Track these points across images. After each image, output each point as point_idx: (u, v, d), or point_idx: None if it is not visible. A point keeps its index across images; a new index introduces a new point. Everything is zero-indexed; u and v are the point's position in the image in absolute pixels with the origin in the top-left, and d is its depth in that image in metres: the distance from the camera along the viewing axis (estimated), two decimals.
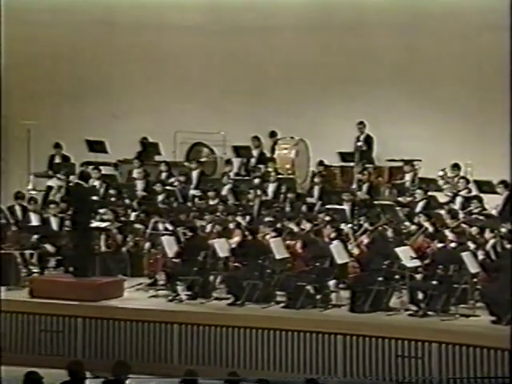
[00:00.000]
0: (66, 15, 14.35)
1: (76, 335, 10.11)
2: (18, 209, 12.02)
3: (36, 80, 14.45)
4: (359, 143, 13.06)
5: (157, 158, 13.70)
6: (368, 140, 13.15)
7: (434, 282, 9.84)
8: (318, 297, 10.10)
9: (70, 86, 14.35)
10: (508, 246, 9.99)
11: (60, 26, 14.32)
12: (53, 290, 10.36)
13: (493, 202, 11.67)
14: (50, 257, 11.46)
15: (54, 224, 11.78)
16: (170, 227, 11.24)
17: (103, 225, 11.36)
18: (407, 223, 10.98)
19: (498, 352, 9.01)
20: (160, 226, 11.39)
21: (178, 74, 14.17)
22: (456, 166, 12.21)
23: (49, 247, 11.45)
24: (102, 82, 14.34)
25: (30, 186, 13.26)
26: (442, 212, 11.36)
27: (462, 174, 12.15)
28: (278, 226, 11.03)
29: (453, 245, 10.11)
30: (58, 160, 13.44)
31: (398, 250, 10.06)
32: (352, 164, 12.97)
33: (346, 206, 11.97)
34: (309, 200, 12.42)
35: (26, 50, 14.43)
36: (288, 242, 10.59)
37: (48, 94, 14.33)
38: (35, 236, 11.44)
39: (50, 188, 12.93)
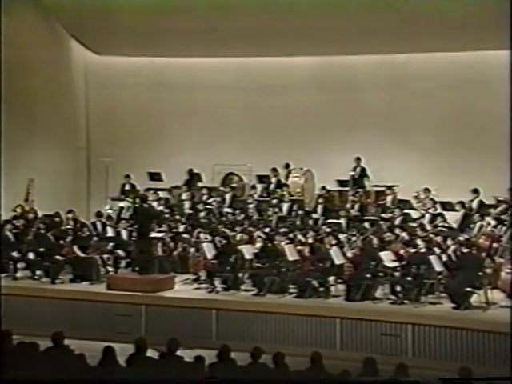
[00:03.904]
0: (135, 79, 14.65)
1: (141, 318, 10.13)
2: (98, 224, 12.15)
3: (112, 128, 14.72)
4: (351, 173, 13.08)
5: (200, 184, 13.80)
6: (363, 171, 13.13)
7: (409, 278, 9.83)
8: (321, 289, 10.09)
9: (137, 132, 14.58)
10: (464, 250, 9.96)
11: (130, 87, 14.61)
12: (124, 284, 10.40)
13: (453, 218, 11.69)
14: (122, 259, 11.55)
15: (125, 235, 11.87)
16: (210, 236, 11.26)
17: (160, 235, 11.40)
18: (388, 234, 10.96)
19: (457, 331, 8.98)
20: (202, 236, 11.43)
21: (215, 122, 14.36)
22: (427, 190, 12.15)
23: (120, 252, 11.55)
24: (160, 129, 14.58)
25: (107, 207, 13.40)
26: (415, 225, 11.38)
27: (430, 196, 12.08)
28: (291, 235, 11.05)
29: (423, 250, 10.09)
30: (127, 187, 13.56)
31: (381, 253, 10.07)
32: (347, 188, 13.00)
33: (342, 221, 12.02)
34: (314, 216, 12.47)
35: (106, 105, 14.77)
36: (298, 247, 10.60)
37: (121, 138, 14.56)
38: (111, 244, 11.54)
39: (121, 208, 13.03)
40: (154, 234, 11.19)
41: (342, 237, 11.10)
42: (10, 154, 12.84)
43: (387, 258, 9.94)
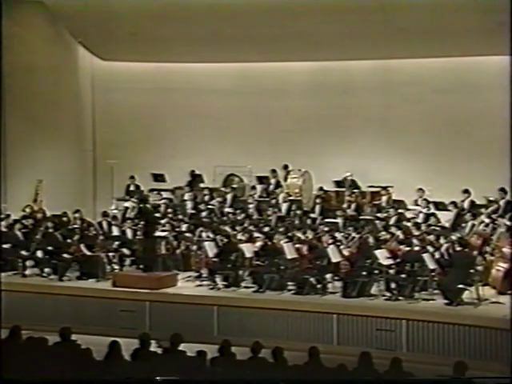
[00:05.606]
0: (139, 84, 14.63)
1: (145, 314, 10.14)
2: (104, 223, 12.15)
3: (117, 131, 14.70)
4: (347, 174, 13.03)
5: (202, 185, 13.79)
6: (352, 180, 13.09)
7: (403, 275, 9.84)
8: (319, 286, 10.08)
9: (141, 135, 14.57)
10: (457, 248, 9.95)
11: (135, 92, 14.61)
12: (128, 282, 10.40)
13: (446, 217, 11.65)
14: (127, 257, 11.53)
15: (129, 234, 11.86)
16: (211, 235, 11.26)
17: (163, 234, 11.42)
18: (383, 233, 10.93)
19: (449, 326, 9.00)
20: (204, 235, 11.42)
21: (216, 125, 14.34)
22: (421, 190, 12.12)
23: (126, 251, 11.53)
24: (163, 132, 14.56)
25: (112, 207, 13.34)
26: (409, 224, 11.34)
27: (424, 196, 12.04)
28: (290, 234, 11.05)
29: (417, 248, 10.09)
30: (132, 188, 13.56)
31: (377, 252, 10.06)
32: (343, 189, 12.99)
33: (339, 220, 11.99)
34: (312, 215, 12.45)
35: (111, 109, 14.76)
36: (297, 246, 10.57)
37: (125, 141, 14.53)
38: (116, 243, 11.54)
39: (126, 208, 13.00)
40: (157, 233, 11.19)
41: (338, 236, 11.10)
42: (19, 156, 12.92)
43: (382, 255, 9.94)
